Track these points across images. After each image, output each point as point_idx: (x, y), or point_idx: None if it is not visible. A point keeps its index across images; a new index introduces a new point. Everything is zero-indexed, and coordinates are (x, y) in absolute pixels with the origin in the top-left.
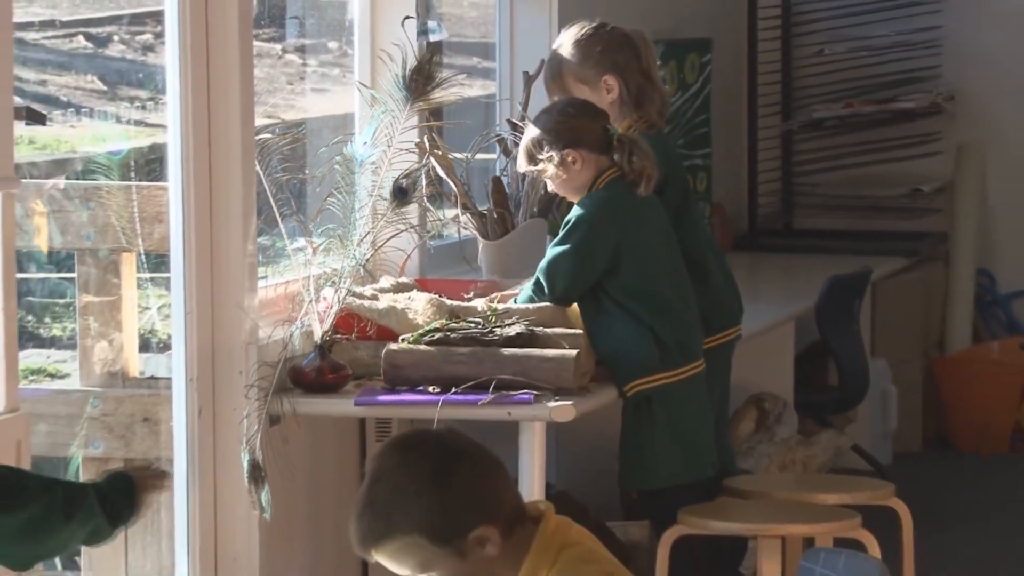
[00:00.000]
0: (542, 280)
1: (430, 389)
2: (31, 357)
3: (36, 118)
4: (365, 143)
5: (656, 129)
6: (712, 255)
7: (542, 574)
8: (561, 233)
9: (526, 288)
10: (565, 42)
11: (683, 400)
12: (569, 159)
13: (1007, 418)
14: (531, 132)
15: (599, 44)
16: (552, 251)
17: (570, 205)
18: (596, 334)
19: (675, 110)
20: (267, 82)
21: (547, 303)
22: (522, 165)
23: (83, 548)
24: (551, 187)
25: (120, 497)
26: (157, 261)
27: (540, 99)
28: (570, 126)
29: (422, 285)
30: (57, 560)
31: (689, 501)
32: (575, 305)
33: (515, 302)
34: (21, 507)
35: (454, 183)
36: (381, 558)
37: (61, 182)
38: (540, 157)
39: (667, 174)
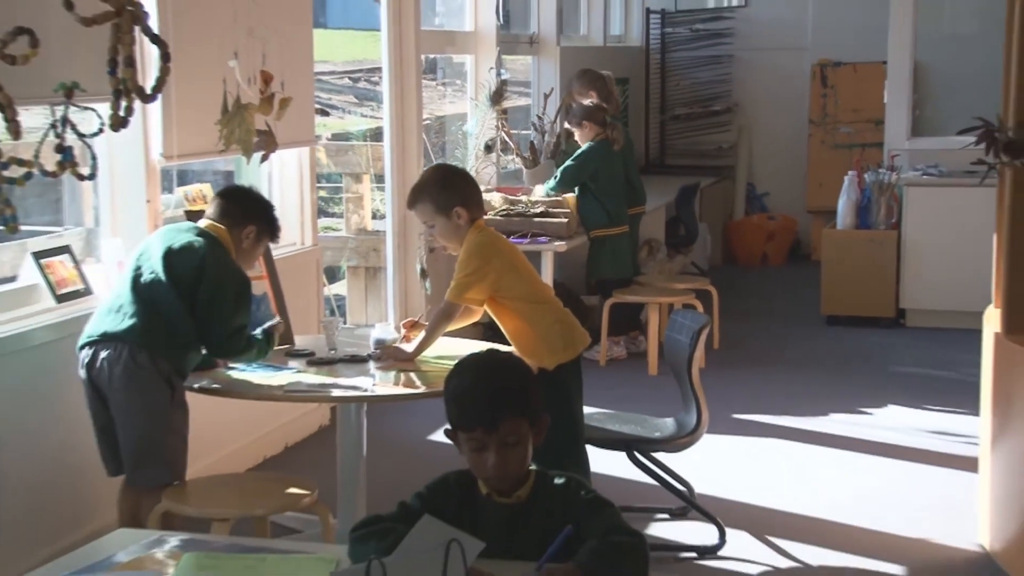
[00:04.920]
0: (559, 175)
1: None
2: (324, 221)
3: (324, 114)
4: (472, 125)
5: (614, 117)
6: (636, 173)
7: (471, 236)
8: (572, 157)
9: (550, 181)
10: (575, 78)
11: (617, 240)
12: (584, 127)
13: (758, 249)
14: (571, 113)
15: (588, 76)
16: (566, 163)
17: (570, 152)
18: (580, 209)
19: None
20: (428, 98)
21: (555, 195)
22: (565, 127)
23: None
24: (577, 138)
25: (264, 343)
26: (379, 178)
27: (553, 107)
28: (586, 113)
29: (497, 190)
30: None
31: (618, 287)
32: (571, 197)
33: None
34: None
35: (512, 144)
36: (417, 210)
37: (324, 139)
38: (570, 126)
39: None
